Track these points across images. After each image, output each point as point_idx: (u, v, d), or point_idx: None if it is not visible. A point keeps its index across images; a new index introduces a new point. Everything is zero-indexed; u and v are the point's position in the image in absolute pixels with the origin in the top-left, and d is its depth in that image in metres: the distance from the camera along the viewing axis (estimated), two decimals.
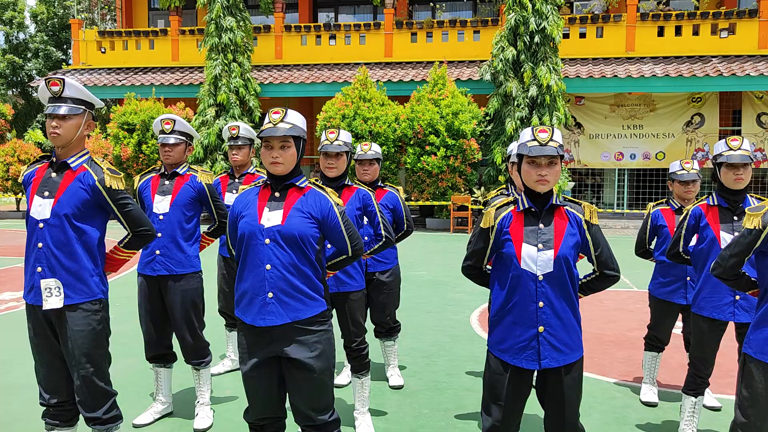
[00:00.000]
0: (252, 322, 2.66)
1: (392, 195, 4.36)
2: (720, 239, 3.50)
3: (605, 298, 7.91)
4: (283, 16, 18.90)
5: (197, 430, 3.91)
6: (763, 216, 2.63)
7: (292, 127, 2.66)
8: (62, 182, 2.92)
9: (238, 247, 2.74)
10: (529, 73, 14.92)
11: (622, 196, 17.51)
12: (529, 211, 2.65)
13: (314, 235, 2.69)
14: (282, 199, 2.71)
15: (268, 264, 2.63)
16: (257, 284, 2.65)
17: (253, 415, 2.79)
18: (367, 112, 15.21)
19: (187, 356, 4.01)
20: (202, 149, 16.32)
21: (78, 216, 2.90)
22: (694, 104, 16.81)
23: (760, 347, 2.60)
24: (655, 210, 4.36)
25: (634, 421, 4.17)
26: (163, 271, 3.88)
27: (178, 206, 3.90)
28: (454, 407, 4.35)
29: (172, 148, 3.93)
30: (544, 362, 2.60)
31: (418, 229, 15.57)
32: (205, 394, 4.05)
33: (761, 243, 2.63)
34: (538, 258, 2.58)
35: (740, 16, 16.41)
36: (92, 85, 18.35)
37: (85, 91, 2.95)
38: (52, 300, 2.89)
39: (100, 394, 2.99)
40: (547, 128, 2.60)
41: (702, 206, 3.60)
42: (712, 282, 3.51)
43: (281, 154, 2.65)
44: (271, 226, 2.65)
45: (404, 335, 6.12)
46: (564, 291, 2.61)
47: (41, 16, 28.93)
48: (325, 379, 2.71)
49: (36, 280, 2.91)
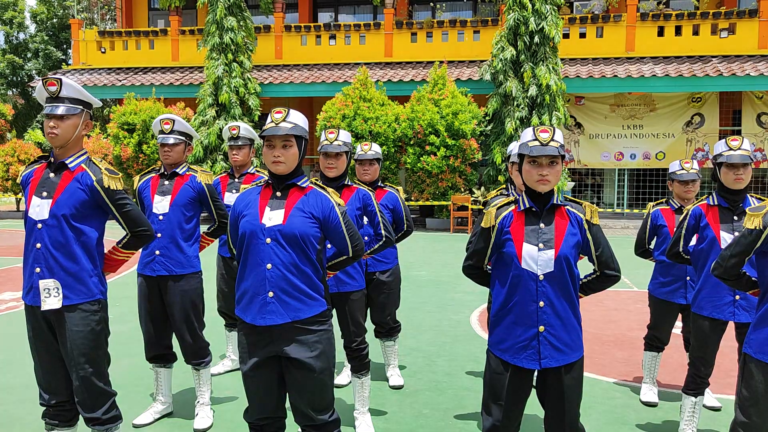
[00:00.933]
0: (252, 321, 2.66)
1: (392, 195, 4.36)
2: (720, 239, 3.50)
3: (605, 298, 7.91)
4: (283, 16, 18.90)
5: (197, 430, 3.91)
6: (764, 216, 2.63)
7: (294, 127, 2.67)
8: (60, 182, 2.91)
9: (239, 246, 2.74)
10: (529, 73, 14.92)
11: (622, 196, 17.51)
12: (530, 211, 2.66)
13: (315, 235, 2.69)
14: (283, 198, 2.71)
15: (269, 263, 2.64)
16: (258, 283, 2.65)
17: (253, 414, 2.79)
18: (367, 112, 15.21)
19: (187, 356, 4.01)
20: (202, 149, 16.31)
21: (76, 216, 2.90)
22: (694, 104, 16.81)
23: (760, 347, 2.60)
24: (655, 210, 4.37)
25: (634, 421, 4.17)
26: (162, 271, 3.87)
27: (177, 206, 3.89)
28: (454, 407, 4.35)
29: (171, 148, 3.92)
30: (544, 362, 2.60)
31: (418, 229, 15.57)
32: (205, 394, 4.05)
33: (762, 243, 2.63)
34: (538, 257, 2.58)
35: (740, 16, 16.41)
36: (92, 85, 18.36)
37: (82, 91, 2.95)
38: (51, 300, 2.88)
39: (99, 395, 2.99)
40: (549, 128, 2.60)
41: (702, 206, 3.61)
42: (712, 282, 3.51)
43: (283, 153, 2.66)
44: (272, 226, 2.65)
45: (404, 335, 6.12)
46: (564, 291, 2.61)
47: (41, 16, 28.93)
48: (325, 379, 2.71)
49: (35, 280, 2.91)
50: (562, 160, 2.62)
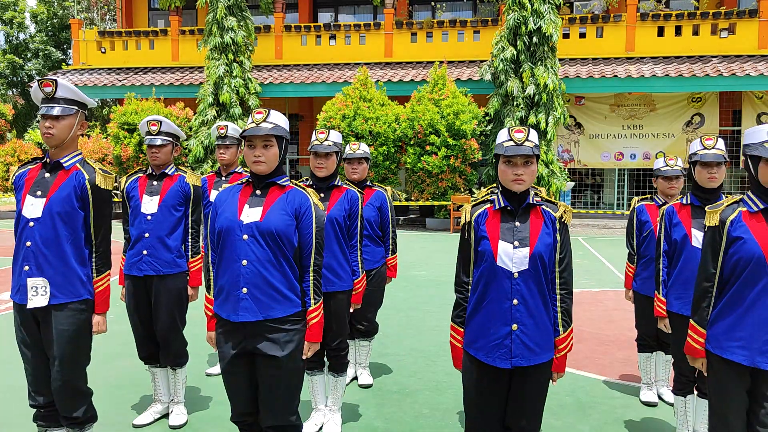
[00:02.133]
0: (227, 317, 2.72)
1: (380, 193, 4.47)
2: (691, 236, 3.54)
3: (605, 298, 7.92)
4: (283, 16, 18.90)
5: (173, 426, 3.98)
6: (721, 213, 2.66)
7: (274, 127, 2.71)
8: (55, 181, 2.95)
9: (215, 241, 2.78)
10: (528, 72, 14.93)
11: (622, 196, 17.51)
12: (506, 210, 2.68)
13: (293, 233, 2.72)
14: (263, 196, 2.75)
15: (244, 260, 2.67)
16: (233, 279, 2.70)
17: (236, 412, 2.84)
18: (368, 112, 15.21)
19: (167, 356, 4.03)
20: (202, 149, 16.31)
21: (69, 214, 2.93)
22: (694, 104, 16.82)
23: (717, 342, 2.67)
24: (640, 205, 4.41)
25: (634, 421, 4.17)
26: (150, 271, 3.90)
27: (166, 207, 3.93)
28: (454, 407, 4.35)
29: (159, 149, 3.93)
30: (515, 360, 2.62)
31: (418, 228, 15.58)
32: (180, 393, 4.12)
33: (727, 241, 2.63)
34: (513, 255, 2.61)
35: (740, 16, 16.41)
36: (92, 85, 18.36)
37: (77, 92, 2.97)
38: (38, 299, 2.91)
39: (79, 395, 3.04)
40: (523, 129, 2.63)
41: (675, 205, 3.66)
42: (682, 279, 3.57)
43: (263, 152, 2.70)
44: (249, 222, 2.68)
45: (404, 335, 6.13)
46: (539, 289, 2.64)
47: (41, 16, 28.93)
48: (294, 379, 2.76)
49: (23, 278, 2.93)
50: (537, 160, 2.64)
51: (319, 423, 3.96)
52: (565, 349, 2.72)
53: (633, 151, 17.09)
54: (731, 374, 2.62)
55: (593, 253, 11.70)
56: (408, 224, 16.36)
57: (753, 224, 2.57)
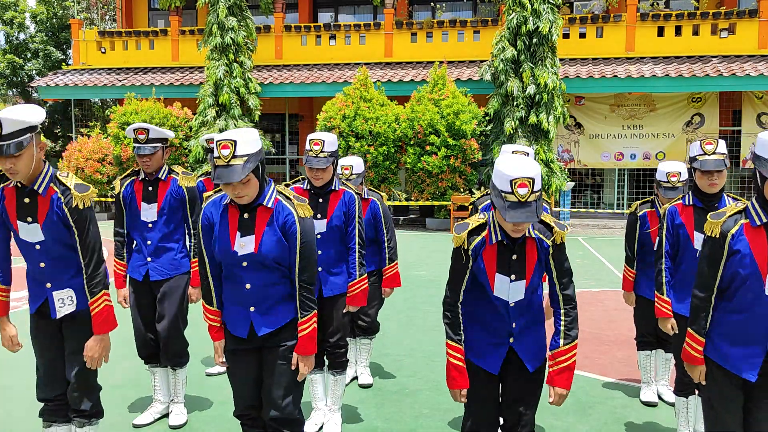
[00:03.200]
0: (234, 331, 2.81)
1: (373, 204, 4.41)
2: (693, 239, 3.52)
3: (605, 298, 7.92)
4: (283, 16, 18.89)
5: (173, 426, 4.00)
6: (723, 224, 2.58)
7: (247, 161, 2.53)
8: (40, 208, 2.91)
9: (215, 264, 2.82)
10: (529, 72, 14.92)
11: (622, 196, 17.51)
12: (502, 243, 2.65)
13: (288, 252, 2.74)
14: (252, 220, 2.70)
15: (247, 284, 2.74)
16: (239, 299, 2.77)
17: (240, 405, 2.87)
18: (368, 112, 15.21)
19: (167, 356, 4.04)
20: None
21: (66, 235, 2.94)
22: (694, 104, 16.81)
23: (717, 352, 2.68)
24: (643, 213, 4.33)
25: (634, 421, 4.17)
26: (157, 276, 3.97)
27: (164, 213, 3.97)
28: (454, 407, 4.35)
29: (150, 158, 3.90)
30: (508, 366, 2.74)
31: (418, 229, 15.58)
32: (180, 393, 4.14)
33: (727, 254, 2.57)
34: (510, 288, 2.65)
35: (740, 16, 16.40)
36: (92, 85, 18.36)
37: (22, 119, 2.71)
38: (65, 308, 3.01)
39: (92, 389, 3.14)
40: (527, 182, 2.41)
41: (678, 205, 3.62)
42: (680, 279, 3.56)
43: (243, 189, 2.61)
44: (244, 254, 2.70)
45: (404, 335, 6.13)
46: (532, 311, 2.75)
47: (41, 17, 28.92)
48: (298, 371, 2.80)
49: (48, 293, 3.00)
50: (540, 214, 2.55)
51: (319, 423, 3.96)
52: (566, 362, 2.66)
53: (633, 151, 17.08)
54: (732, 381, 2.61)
55: (593, 253, 11.70)
56: (408, 224, 16.36)
57: (753, 238, 2.53)
